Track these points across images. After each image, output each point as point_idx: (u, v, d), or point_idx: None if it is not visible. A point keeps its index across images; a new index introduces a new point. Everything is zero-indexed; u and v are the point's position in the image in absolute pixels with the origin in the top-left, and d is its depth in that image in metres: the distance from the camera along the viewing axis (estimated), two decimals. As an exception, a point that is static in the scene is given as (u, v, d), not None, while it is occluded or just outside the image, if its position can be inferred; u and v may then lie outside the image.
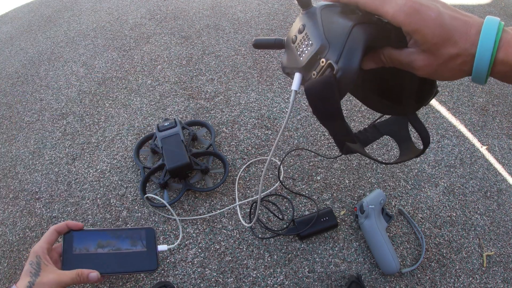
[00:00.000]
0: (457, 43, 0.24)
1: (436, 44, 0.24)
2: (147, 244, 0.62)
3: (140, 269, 0.60)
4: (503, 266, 0.73)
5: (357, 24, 0.25)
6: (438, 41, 0.24)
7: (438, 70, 0.26)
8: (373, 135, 0.37)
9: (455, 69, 0.25)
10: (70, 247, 0.61)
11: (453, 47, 0.24)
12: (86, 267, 0.63)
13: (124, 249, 0.61)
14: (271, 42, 0.33)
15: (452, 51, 0.24)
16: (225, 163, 0.83)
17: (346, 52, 0.25)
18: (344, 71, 0.25)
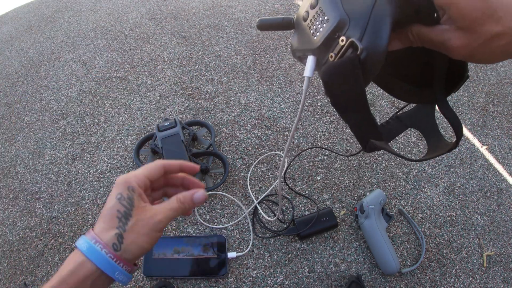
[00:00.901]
0: (501, 19, 0.20)
1: (475, 20, 0.20)
2: (218, 251, 0.67)
3: (210, 274, 0.65)
4: (503, 266, 0.73)
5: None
6: (478, 17, 0.20)
7: (477, 52, 0.22)
8: (396, 128, 0.32)
9: (497, 50, 0.21)
10: (150, 252, 0.69)
11: (496, 24, 0.20)
12: (164, 272, 0.68)
13: (197, 255, 0.67)
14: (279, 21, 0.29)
15: (495, 28, 0.20)
16: (225, 163, 0.83)
17: (371, 27, 0.21)
18: (370, 51, 0.20)
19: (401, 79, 0.31)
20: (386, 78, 0.31)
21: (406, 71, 0.30)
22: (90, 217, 0.79)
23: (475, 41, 0.21)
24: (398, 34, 0.25)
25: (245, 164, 0.86)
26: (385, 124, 0.33)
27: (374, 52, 0.20)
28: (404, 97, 0.31)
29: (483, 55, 0.22)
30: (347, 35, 0.21)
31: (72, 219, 0.79)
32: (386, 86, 0.32)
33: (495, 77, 1.16)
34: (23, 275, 0.71)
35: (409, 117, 0.33)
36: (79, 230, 0.77)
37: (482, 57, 0.22)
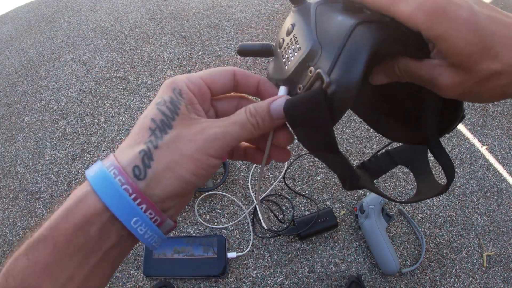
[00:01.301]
0: (498, 55, 0.17)
1: (469, 57, 0.18)
2: (218, 251, 0.68)
3: (210, 274, 0.65)
4: (503, 266, 0.74)
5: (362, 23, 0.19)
6: (473, 53, 0.17)
7: (472, 91, 0.19)
8: (386, 164, 0.30)
9: (496, 90, 0.19)
10: (150, 252, 0.69)
11: (493, 62, 0.17)
12: (164, 272, 0.67)
13: (197, 255, 0.67)
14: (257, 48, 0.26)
15: (493, 66, 0.17)
16: (225, 163, 0.83)
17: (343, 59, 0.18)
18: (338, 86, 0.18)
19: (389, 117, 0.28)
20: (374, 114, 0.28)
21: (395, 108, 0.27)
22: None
23: (469, 80, 0.18)
24: (383, 67, 0.22)
25: (245, 164, 0.86)
26: (373, 159, 0.30)
27: (344, 87, 0.18)
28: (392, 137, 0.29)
29: (479, 95, 0.19)
30: (316, 66, 0.19)
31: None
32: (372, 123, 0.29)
33: (495, 77, 1.16)
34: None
35: (400, 153, 0.30)
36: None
37: (478, 97, 0.20)
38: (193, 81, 0.19)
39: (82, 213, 0.16)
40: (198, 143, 0.17)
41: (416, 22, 0.18)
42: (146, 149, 0.17)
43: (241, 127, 0.19)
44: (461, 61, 0.18)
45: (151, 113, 0.18)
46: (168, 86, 0.19)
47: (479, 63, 0.17)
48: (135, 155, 0.17)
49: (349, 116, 0.98)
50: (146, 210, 0.16)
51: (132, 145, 0.17)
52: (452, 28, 0.17)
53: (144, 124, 0.18)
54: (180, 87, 0.19)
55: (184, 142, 0.17)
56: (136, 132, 0.18)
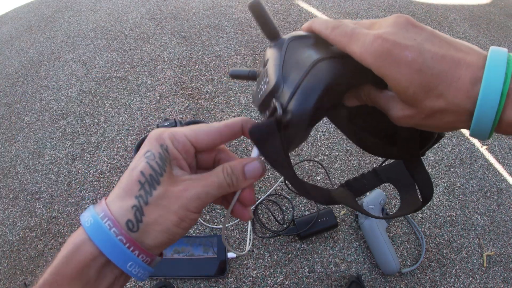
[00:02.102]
0: (443, 94, 0.18)
1: (414, 95, 0.18)
2: (218, 251, 0.68)
3: (210, 274, 0.66)
4: (503, 266, 0.74)
5: (324, 59, 0.21)
6: (417, 91, 0.18)
7: (422, 124, 0.20)
8: (371, 182, 0.31)
9: (444, 125, 0.19)
10: None
11: (438, 100, 0.18)
12: (164, 272, 0.67)
13: (197, 255, 0.67)
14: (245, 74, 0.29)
15: (436, 104, 0.18)
16: (225, 163, 0.83)
17: (299, 93, 0.20)
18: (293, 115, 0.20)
19: (370, 134, 0.30)
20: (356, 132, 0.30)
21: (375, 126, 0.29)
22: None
23: (417, 115, 0.19)
24: (354, 92, 0.24)
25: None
26: (359, 177, 0.31)
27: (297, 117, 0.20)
28: (375, 152, 0.31)
29: (429, 128, 0.20)
30: (278, 99, 0.22)
31: (72, 219, 0.79)
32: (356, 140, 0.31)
33: (495, 77, 1.15)
34: (23, 275, 0.71)
35: (386, 171, 0.31)
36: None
37: (428, 129, 0.21)
38: (178, 139, 0.21)
39: (81, 259, 0.18)
40: (183, 201, 0.19)
41: (366, 62, 0.19)
42: (138, 204, 0.19)
43: (219, 186, 0.21)
44: (406, 99, 0.19)
45: (140, 166, 0.20)
46: (156, 140, 0.20)
47: (423, 101, 0.18)
48: (128, 209, 0.18)
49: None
50: (139, 255, 0.19)
51: (123, 197, 0.19)
52: (397, 70, 0.18)
53: (133, 176, 0.19)
54: (167, 143, 0.20)
55: (171, 199, 0.19)
56: (126, 183, 0.19)
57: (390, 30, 0.19)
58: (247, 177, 0.22)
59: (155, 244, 0.19)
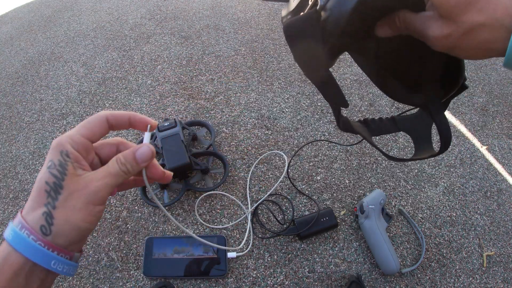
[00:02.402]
0: (484, 9, 0.18)
1: (455, 7, 0.18)
2: (218, 251, 0.68)
3: (210, 274, 0.67)
4: (503, 266, 0.74)
5: None
6: (458, 3, 0.18)
7: (458, 44, 0.20)
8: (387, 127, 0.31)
9: (480, 45, 0.19)
10: (150, 252, 0.69)
11: (478, 14, 0.18)
12: (164, 272, 0.67)
13: (197, 255, 0.67)
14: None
15: (476, 18, 0.18)
16: (225, 163, 0.83)
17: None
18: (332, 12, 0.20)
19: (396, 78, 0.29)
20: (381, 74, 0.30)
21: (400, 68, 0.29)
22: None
23: (455, 32, 0.19)
24: (387, 20, 0.23)
25: (245, 164, 0.86)
26: (377, 120, 0.31)
27: (337, 13, 0.20)
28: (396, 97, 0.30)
29: (465, 49, 0.20)
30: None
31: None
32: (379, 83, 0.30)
33: (495, 77, 1.16)
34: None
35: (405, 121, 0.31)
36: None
37: (465, 52, 0.20)
38: (76, 140, 0.24)
39: (10, 268, 0.20)
40: (86, 197, 0.22)
41: None
42: (47, 211, 0.21)
43: (116, 176, 0.23)
44: (447, 11, 0.19)
45: (44, 177, 0.22)
46: (56, 148, 0.23)
47: (463, 14, 0.18)
48: (40, 217, 0.21)
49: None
50: (59, 254, 0.21)
51: (35, 207, 0.22)
52: None
53: (40, 187, 0.22)
54: (66, 148, 0.23)
55: (74, 199, 0.22)
56: (36, 195, 0.22)
57: None
58: (139, 161, 0.25)
59: (68, 242, 0.22)
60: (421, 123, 0.31)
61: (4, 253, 0.21)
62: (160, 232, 0.75)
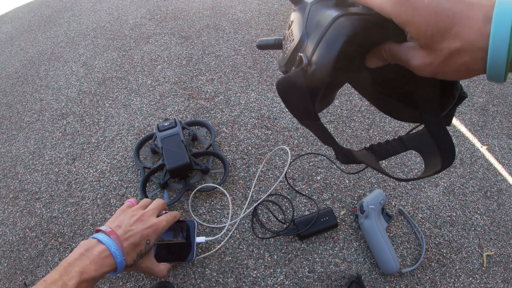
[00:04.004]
0: (458, 35, 0.19)
1: (432, 37, 0.20)
2: (187, 235, 0.67)
3: (179, 260, 0.65)
4: (503, 266, 0.74)
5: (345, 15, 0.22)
6: (434, 33, 0.19)
7: (440, 70, 0.21)
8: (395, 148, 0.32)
9: (461, 67, 0.20)
10: None
11: (454, 41, 0.19)
12: None
13: (166, 240, 0.66)
14: (271, 43, 0.33)
15: (453, 45, 0.19)
16: (225, 163, 0.83)
17: (322, 45, 0.22)
18: (317, 65, 0.22)
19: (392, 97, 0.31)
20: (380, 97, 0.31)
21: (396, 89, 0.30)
22: (90, 217, 0.79)
23: (436, 59, 0.21)
24: (375, 52, 0.25)
25: (245, 164, 0.86)
26: (383, 143, 0.32)
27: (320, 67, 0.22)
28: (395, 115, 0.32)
29: (448, 74, 0.21)
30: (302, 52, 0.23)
31: (72, 219, 0.79)
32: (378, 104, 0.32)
33: (495, 77, 1.15)
34: (23, 275, 0.71)
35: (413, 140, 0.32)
36: (79, 230, 0.77)
37: (448, 75, 0.21)
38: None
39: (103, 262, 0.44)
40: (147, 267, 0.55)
41: (386, 11, 0.21)
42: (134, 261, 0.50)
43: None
44: (425, 42, 0.20)
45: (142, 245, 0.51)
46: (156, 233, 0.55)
47: (441, 43, 0.19)
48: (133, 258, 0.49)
49: (349, 116, 0.98)
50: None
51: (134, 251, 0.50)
52: (415, 13, 0.19)
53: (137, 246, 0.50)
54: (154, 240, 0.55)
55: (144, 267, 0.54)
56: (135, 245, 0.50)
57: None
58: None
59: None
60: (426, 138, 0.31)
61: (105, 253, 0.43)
62: (160, 232, 0.75)
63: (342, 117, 0.97)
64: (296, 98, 0.24)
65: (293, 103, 0.24)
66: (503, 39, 0.17)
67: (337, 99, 1.02)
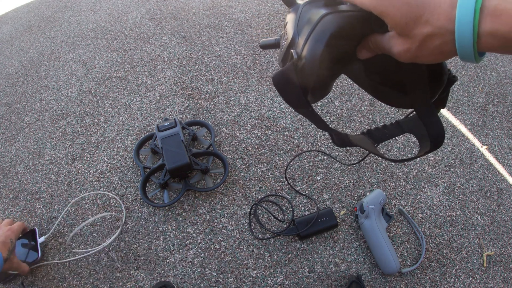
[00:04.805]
0: (429, 20, 0.21)
1: (406, 25, 0.22)
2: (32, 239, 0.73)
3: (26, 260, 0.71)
4: (503, 266, 0.74)
5: (331, 13, 0.24)
6: (408, 21, 0.22)
7: (418, 54, 0.23)
8: (392, 131, 0.34)
9: (435, 50, 0.22)
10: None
11: (425, 26, 0.21)
12: None
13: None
14: (272, 42, 0.35)
15: (425, 30, 0.21)
16: (225, 163, 0.83)
17: (310, 41, 0.24)
18: (306, 60, 0.24)
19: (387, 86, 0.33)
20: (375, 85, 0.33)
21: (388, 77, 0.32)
22: (90, 217, 0.79)
23: (412, 45, 0.23)
24: (364, 44, 0.27)
25: (245, 164, 0.86)
26: (380, 127, 0.34)
27: (310, 61, 0.24)
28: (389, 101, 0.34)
29: (424, 57, 0.23)
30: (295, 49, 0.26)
31: (72, 219, 0.79)
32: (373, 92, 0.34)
33: (495, 77, 1.16)
34: (23, 276, 0.71)
35: (409, 123, 0.34)
36: (79, 230, 0.77)
37: (426, 59, 0.23)
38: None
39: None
40: None
41: (365, 5, 0.23)
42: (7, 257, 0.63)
43: None
44: (401, 30, 0.23)
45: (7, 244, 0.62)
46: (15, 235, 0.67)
47: (414, 29, 0.22)
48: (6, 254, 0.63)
49: (349, 116, 0.98)
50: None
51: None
52: (389, 5, 0.22)
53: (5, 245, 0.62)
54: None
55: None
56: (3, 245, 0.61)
57: None
58: None
59: None
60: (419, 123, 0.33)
61: None
62: (160, 232, 0.75)
63: (342, 117, 0.97)
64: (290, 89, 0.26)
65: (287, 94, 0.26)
66: (467, 21, 0.19)
67: (337, 99, 1.02)
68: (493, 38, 0.19)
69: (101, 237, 0.75)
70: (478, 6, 0.19)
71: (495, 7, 0.19)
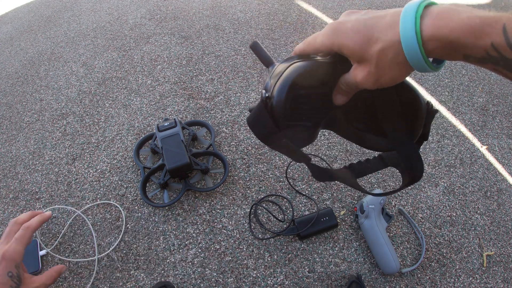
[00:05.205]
0: (379, 38, 0.22)
1: (361, 50, 0.23)
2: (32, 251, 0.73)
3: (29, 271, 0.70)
4: (503, 266, 0.74)
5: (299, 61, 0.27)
6: (362, 45, 0.23)
7: (379, 75, 0.24)
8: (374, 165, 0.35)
9: (391, 65, 0.23)
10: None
11: (376, 43, 0.23)
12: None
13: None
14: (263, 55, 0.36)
15: (377, 47, 0.23)
16: (225, 163, 0.83)
17: (277, 87, 0.27)
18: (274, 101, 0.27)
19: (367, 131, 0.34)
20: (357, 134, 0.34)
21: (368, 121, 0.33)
22: (90, 217, 0.79)
23: (371, 67, 0.24)
24: (337, 89, 0.28)
25: (245, 164, 0.86)
26: (363, 161, 0.35)
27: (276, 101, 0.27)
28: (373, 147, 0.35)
29: (385, 75, 0.24)
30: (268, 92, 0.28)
31: (72, 219, 0.79)
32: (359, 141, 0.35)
33: (495, 77, 1.16)
34: (23, 275, 0.71)
35: (393, 157, 0.35)
36: (79, 230, 0.77)
37: (387, 77, 0.24)
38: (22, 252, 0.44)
39: None
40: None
41: (326, 46, 0.26)
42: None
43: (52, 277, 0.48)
44: (358, 56, 0.24)
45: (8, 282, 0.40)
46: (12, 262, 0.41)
47: (368, 50, 0.23)
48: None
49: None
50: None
51: None
52: (344, 37, 0.24)
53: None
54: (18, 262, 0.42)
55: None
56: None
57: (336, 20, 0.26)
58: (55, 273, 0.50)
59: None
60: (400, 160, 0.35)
61: None
62: (160, 232, 0.75)
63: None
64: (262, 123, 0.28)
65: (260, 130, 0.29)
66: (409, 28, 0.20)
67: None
68: (437, 42, 0.20)
69: (101, 237, 0.75)
70: (419, 13, 0.20)
71: (438, 12, 0.20)
